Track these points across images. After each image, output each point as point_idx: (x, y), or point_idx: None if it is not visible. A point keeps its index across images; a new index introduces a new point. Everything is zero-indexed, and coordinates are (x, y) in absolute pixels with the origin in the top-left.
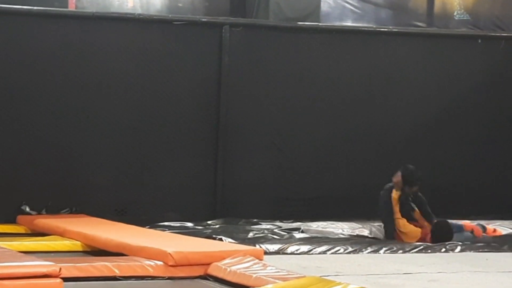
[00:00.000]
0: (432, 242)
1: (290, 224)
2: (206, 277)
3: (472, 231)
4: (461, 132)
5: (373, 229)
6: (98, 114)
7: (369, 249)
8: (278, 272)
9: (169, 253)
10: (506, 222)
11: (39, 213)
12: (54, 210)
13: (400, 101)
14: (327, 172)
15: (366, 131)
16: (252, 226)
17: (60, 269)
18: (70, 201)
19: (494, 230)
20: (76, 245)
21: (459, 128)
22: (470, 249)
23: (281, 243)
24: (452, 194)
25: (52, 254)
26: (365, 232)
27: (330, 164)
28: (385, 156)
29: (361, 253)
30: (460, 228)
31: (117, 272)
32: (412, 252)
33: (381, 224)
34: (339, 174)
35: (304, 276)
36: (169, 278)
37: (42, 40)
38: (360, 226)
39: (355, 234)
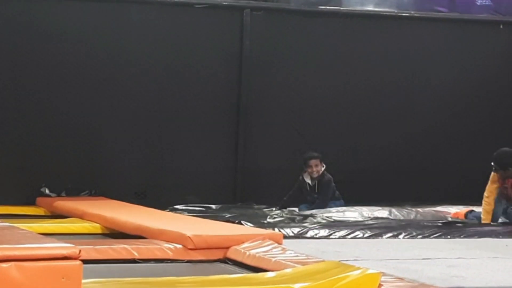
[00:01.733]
0: None
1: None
2: (225, 260)
3: None
4: (483, 117)
5: (393, 210)
6: (119, 97)
7: (389, 234)
8: (297, 256)
9: (189, 237)
10: None
11: (59, 195)
12: (74, 192)
13: (421, 86)
14: (347, 156)
15: (386, 115)
16: (271, 210)
17: (80, 251)
18: (90, 183)
19: None
20: (96, 228)
21: (481, 113)
22: (490, 235)
23: (300, 227)
24: (477, 178)
25: (72, 236)
26: (385, 214)
27: (350, 148)
28: (407, 140)
29: (380, 238)
30: None
31: (136, 255)
32: (432, 238)
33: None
34: (360, 158)
35: (323, 261)
36: (188, 261)
37: (64, 22)
38: (380, 208)
39: (374, 216)
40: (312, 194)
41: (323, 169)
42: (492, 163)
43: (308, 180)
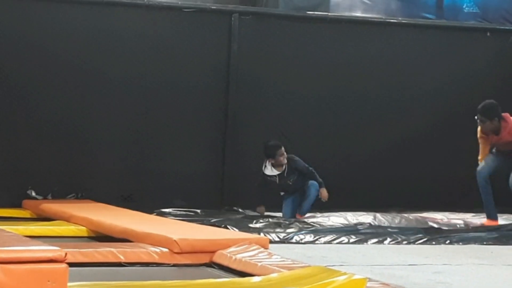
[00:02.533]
0: None
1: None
2: (211, 264)
3: None
4: (469, 124)
5: (378, 216)
6: (106, 100)
7: (374, 240)
8: (283, 261)
9: (175, 240)
10: None
11: (45, 198)
12: (60, 195)
13: (408, 92)
14: (334, 162)
15: (373, 121)
16: (258, 215)
17: (66, 254)
18: (76, 186)
19: None
20: (82, 231)
21: (467, 120)
22: (475, 242)
23: (286, 232)
24: (463, 185)
25: (58, 239)
26: (369, 219)
27: (336, 154)
28: (393, 147)
29: (365, 243)
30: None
31: (122, 258)
32: (417, 244)
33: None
34: (346, 164)
35: (309, 266)
36: (174, 265)
37: (50, 24)
38: (364, 213)
39: (358, 221)
40: (286, 183)
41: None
42: (477, 116)
43: (273, 172)
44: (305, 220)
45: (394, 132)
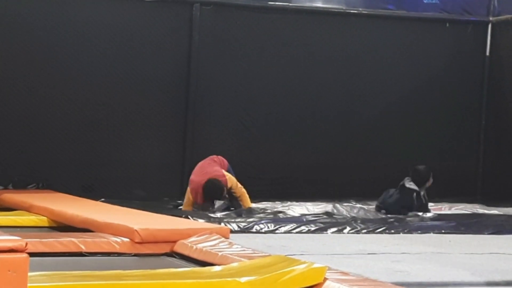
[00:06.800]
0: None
1: (257, 203)
2: (172, 254)
3: None
4: (427, 113)
5: (337, 205)
6: (66, 89)
7: (333, 229)
8: (244, 250)
9: (136, 230)
10: (469, 206)
11: (6, 188)
12: (21, 185)
13: (368, 82)
14: (295, 152)
15: (334, 111)
16: (219, 205)
17: (26, 244)
18: (37, 176)
19: None
20: (42, 221)
21: (425, 109)
22: (434, 231)
23: (247, 222)
24: None
25: (18, 229)
26: (329, 209)
27: (298, 144)
28: (353, 136)
29: (325, 232)
30: None
31: (83, 248)
32: (376, 232)
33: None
34: (307, 154)
35: (269, 255)
36: (135, 254)
37: (8, 15)
38: (324, 203)
39: (320, 212)
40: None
41: None
42: None
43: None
44: (266, 209)
45: (353, 122)
